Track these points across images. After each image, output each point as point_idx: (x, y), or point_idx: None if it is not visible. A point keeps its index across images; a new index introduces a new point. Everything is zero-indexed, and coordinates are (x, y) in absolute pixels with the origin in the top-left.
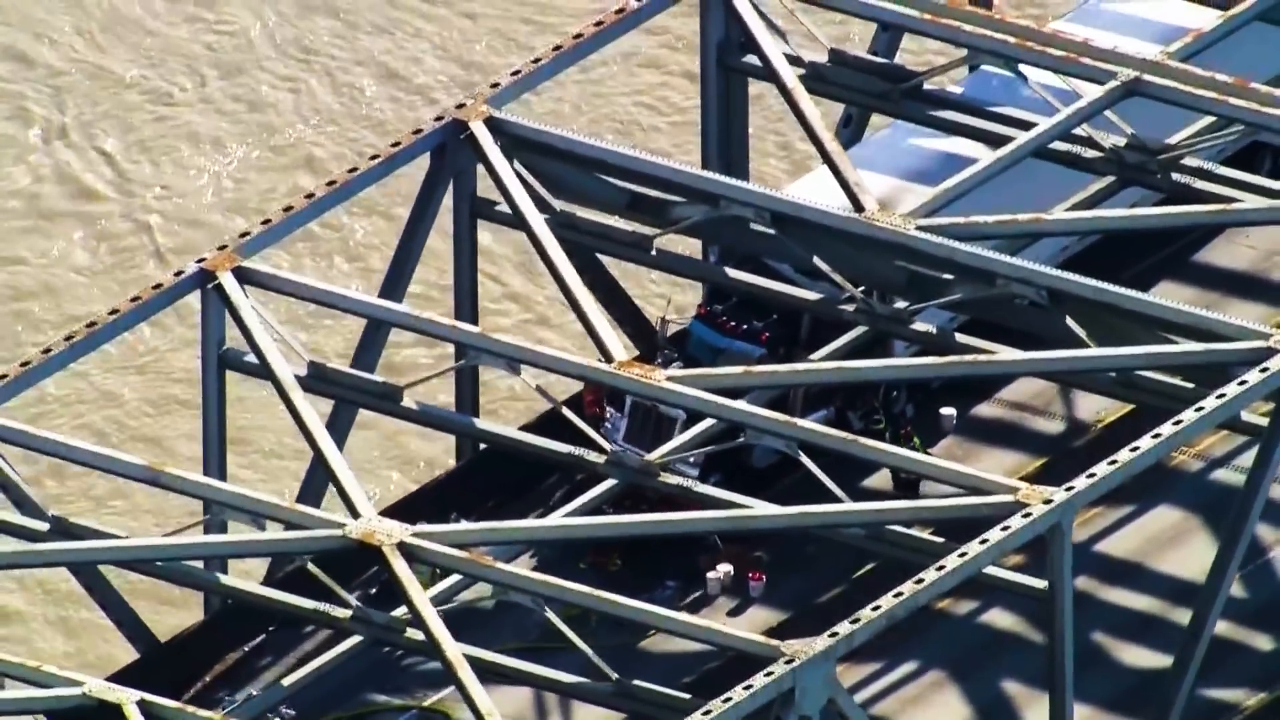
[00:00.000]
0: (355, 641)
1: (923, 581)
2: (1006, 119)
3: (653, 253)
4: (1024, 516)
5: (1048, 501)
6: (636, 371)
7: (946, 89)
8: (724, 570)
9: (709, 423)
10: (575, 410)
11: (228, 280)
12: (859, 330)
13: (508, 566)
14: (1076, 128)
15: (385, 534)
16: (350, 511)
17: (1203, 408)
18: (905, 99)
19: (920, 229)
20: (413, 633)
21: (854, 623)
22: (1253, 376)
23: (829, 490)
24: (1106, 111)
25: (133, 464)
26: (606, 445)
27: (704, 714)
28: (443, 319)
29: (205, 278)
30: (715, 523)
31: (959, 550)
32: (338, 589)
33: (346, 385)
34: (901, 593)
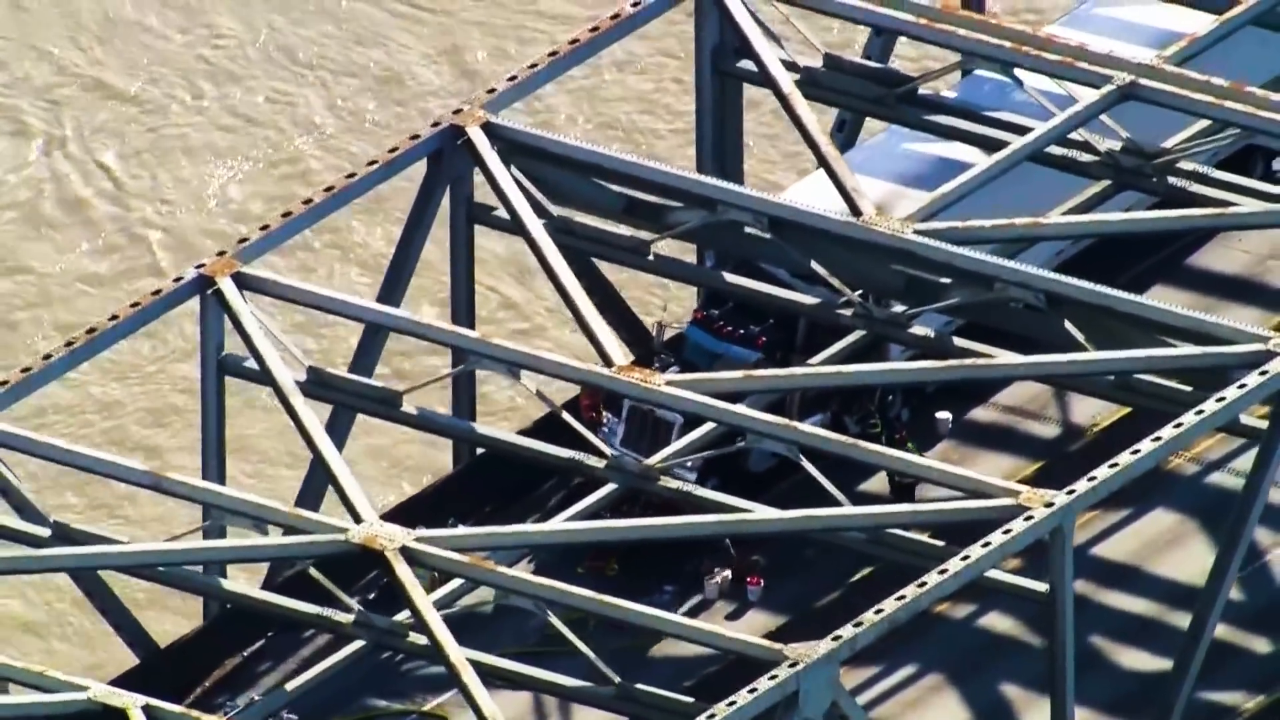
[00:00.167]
0: (357, 646)
1: (925, 584)
2: (1001, 123)
3: (650, 257)
4: (1026, 520)
5: (1049, 505)
6: (636, 376)
7: (941, 94)
8: (721, 575)
9: (707, 427)
10: (572, 415)
11: (227, 286)
12: (856, 334)
13: (510, 571)
14: (1072, 132)
15: (388, 538)
16: (352, 516)
17: (1203, 411)
18: (900, 104)
19: (918, 233)
20: (415, 637)
21: (857, 626)
22: (1252, 379)
23: (826, 494)
24: (1102, 116)
25: (134, 469)
26: (606, 449)
27: (708, 718)
28: (441, 324)
29: (205, 283)
30: (715, 527)
31: (961, 553)
32: (340, 594)
33: (346, 390)
34: (904, 596)
